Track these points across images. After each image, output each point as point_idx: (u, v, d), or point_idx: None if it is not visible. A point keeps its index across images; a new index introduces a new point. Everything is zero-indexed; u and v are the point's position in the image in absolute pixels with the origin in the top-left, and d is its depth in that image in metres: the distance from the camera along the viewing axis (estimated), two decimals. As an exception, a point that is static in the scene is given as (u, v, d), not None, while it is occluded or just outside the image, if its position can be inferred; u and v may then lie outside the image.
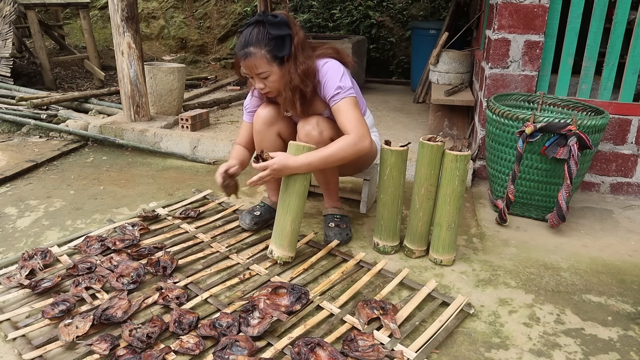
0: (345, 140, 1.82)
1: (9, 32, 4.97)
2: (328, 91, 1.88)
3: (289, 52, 1.81)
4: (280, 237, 1.89)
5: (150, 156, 3.22)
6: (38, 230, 2.19)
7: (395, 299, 1.76)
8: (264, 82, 1.86)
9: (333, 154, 1.82)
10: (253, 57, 1.78)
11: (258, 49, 1.78)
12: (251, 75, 1.86)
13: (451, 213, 1.89)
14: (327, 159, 1.83)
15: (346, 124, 1.85)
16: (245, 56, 1.79)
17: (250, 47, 1.78)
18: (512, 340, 1.56)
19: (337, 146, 1.82)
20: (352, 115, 1.85)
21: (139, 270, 1.79)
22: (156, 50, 7.32)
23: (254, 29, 1.78)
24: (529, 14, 2.52)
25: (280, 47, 1.80)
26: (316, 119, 1.94)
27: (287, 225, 1.88)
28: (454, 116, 3.46)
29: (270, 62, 1.80)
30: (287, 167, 1.81)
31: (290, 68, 1.82)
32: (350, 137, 1.82)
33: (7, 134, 3.61)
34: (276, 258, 1.91)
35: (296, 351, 1.40)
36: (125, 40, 3.27)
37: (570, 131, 2.08)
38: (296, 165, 1.81)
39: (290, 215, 1.87)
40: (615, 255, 2.11)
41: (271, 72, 1.82)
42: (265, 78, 1.84)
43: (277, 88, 1.88)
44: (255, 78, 1.86)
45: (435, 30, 4.68)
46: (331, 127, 1.96)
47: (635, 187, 2.72)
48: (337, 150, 1.82)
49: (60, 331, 1.47)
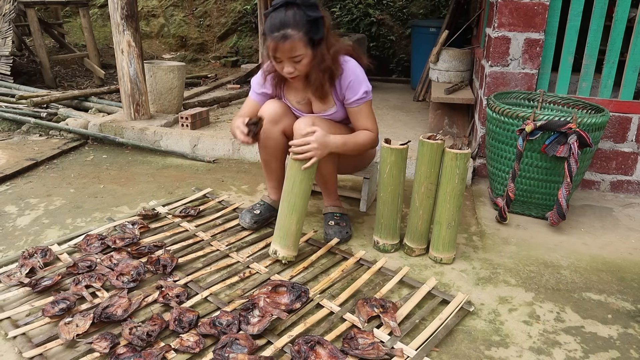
0: (370, 135, 1.98)
1: (9, 31, 4.97)
2: (353, 92, 1.92)
3: (323, 35, 1.81)
4: (285, 237, 1.89)
5: (150, 155, 3.22)
6: (38, 228, 2.19)
7: (395, 297, 1.76)
8: (295, 65, 1.82)
9: (362, 143, 1.97)
10: (292, 40, 1.74)
11: (296, 32, 1.74)
12: (283, 58, 1.81)
13: (451, 211, 1.89)
14: (356, 146, 1.96)
15: (367, 123, 1.99)
16: (284, 39, 1.74)
17: (289, 29, 1.73)
18: (512, 338, 1.56)
19: (365, 137, 1.97)
20: (371, 116, 2.00)
21: (139, 269, 1.79)
22: (156, 49, 7.31)
23: (288, 11, 1.74)
24: (529, 12, 2.52)
25: (316, 29, 1.78)
26: (312, 119, 1.94)
27: (292, 226, 1.88)
28: (454, 114, 3.46)
29: (306, 45, 1.78)
30: (328, 142, 1.85)
31: (323, 50, 1.83)
32: (373, 135, 1.99)
33: (7, 132, 3.61)
34: (281, 258, 1.90)
35: (296, 349, 1.40)
36: (125, 39, 3.26)
37: (571, 129, 2.08)
38: (335, 141, 1.87)
39: (296, 216, 1.87)
40: (615, 253, 2.11)
41: (305, 55, 1.80)
42: (298, 62, 1.81)
43: (305, 72, 1.87)
44: (285, 61, 1.81)
45: (435, 29, 4.67)
46: (328, 126, 1.96)
47: (635, 185, 2.71)
48: (364, 142, 1.97)
49: (61, 329, 1.47)
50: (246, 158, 3.17)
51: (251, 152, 3.15)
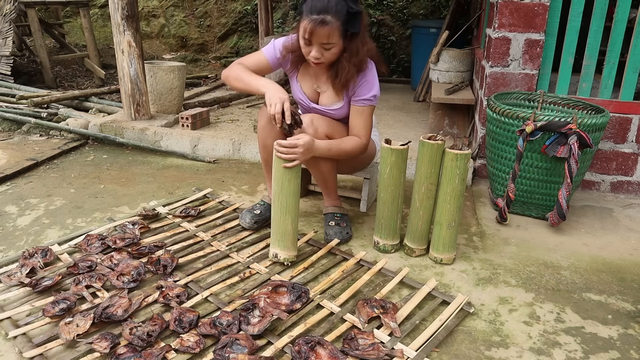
0: (358, 142, 1.99)
1: (9, 31, 4.97)
2: (364, 91, 1.94)
3: (359, 29, 1.83)
4: (283, 239, 1.89)
5: (150, 155, 3.22)
6: (38, 228, 2.19)
7: (396, 297, 1.76)
8: (323, 52, 1.83)
9: (347, 150, 1.98)
10: (329, 26, 1.75)
11: (335, 20, 1.76)
12: (315, 42, 1.81)
13: (451, 212, 1.89)
14: (340, 152, 1.97)
15: (361, 128, 2.00)
16: (322, 23, 1.75)
17: (329, 15, 1.74)
18: (512, 339, 1.56)
19: (352, 144, 1.98)
20: (369, 122, 2.01)
21: (140, 269, 1.79)
22: (156, 49, 7.31)
23: None
24: (530, 13, 2.52)
25: (353, 23, 1.80)
26: (310, 117, 1.96)
27: (288, 226, 1.88)
28: (454, 115, 3.46)
29: (340, 36, 1.80)
30: (312, 147, 1.86)
31: (358, 44, 1.85)
32: (361, 141, 2.00)
33: (8, 132, 3.61)
34: (283, 260, 1.90)
35: (296, 350, 1.40)
36: (126, 39, 3.27)
37: (571, 130, 2.08)
38: (320, 147, 1.90)
39: (290, 215, 1.87)
40: (615, 253, 2.11)
41: (336, 44, 1.82)
42: (328, 49, 1.82)
43: (330, 61, 1.88)
44: (315, 46, 1.82)
45: (435, 29, 4.67)
46: (326, 124, 1.98)
47: (635, 186, 2.71)
48: (351, 149, 1.99)
49: (61, 329, 1.47)
50: (246, 158, 3.17)
51: (251, 153, 3.15)
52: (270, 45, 2.02)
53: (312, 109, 2.08)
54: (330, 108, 2.04)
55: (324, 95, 2.04)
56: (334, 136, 2.00)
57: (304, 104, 2.10)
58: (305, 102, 2.08)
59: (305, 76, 2.06)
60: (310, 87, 2.06)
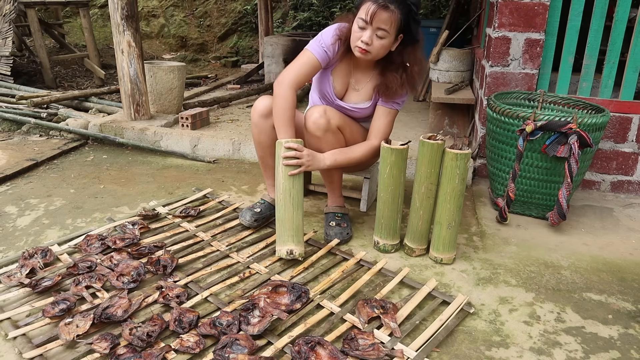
0: (369, 147, 2.02)
1: (9, 31, 4.97)
2: (396, 95, 1.98)
3: (418, 39, 1.88)
4: (297, 234, 1.91)
5: (150, 155, 3.22)
6: (38, 229, 2.19)
7: (396, 297, 1.76)
8: (374, 39, 1.83)
9: (357, 157, 2.01)
10: (392, 12, 1.78)
11: (398, 10, 1.79)
12: (371, 25, 1.80)
13: (451, 211, 1.89)
14: (350, 160, 2.01)
15: (379, 130, 2.03)
16: (386, 7, 1.77)
17: (394, 4, 1.78)
18: (512, 339, 1.56)
19: (361, 150, 2.02)
20: (389, 126, 2.05)
21: (139, 269, 1.79)
22: (156, 49, 7.31)
23: None
24: (530, 12, 2.52)
25: (412, 22, 1.83)
26: (324, 108, 1.97)
27: (299, 221, 1.91)
28: (454, 114, 3.45)
29: (397, 28, 1.82)
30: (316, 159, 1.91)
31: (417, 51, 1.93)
32: (373, 145, 2.02)
33: (7, 132, 3.61)
34: (298, 256, 1.91)
35: (296, 350, 1.40)
36: (125, 39, 3.26)
37: (571, 129, 2.08)
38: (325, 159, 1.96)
39: (301, 211, 1.91)
40: (615, 253, 2.11)
41: (390, 35, 1.83)
42: (381, 38, 1.83)
43: (376, 54, 1.88)
44: (370, 30, 1.81)
45: (435, 29, 4.67)
46: (338, 116, 2.00)
47: (635, 185, 2.71)
48: (361, 155, 2.02)
49: (61, 330, 1.47)
50: (246, 158, 3.17)
51: (251, 153, 3.15)
52: (316, 43, 1.95)
53: (336, 105, 2.08)
54: (356, 106, 2.05)
55: (356, 93, 2.05)
56: (345, 130, 2.03)
57: (329, 97, 2.07)
58: (331, 96, 2.07)
59: (341, 72, 2.05)
60: (342, 83, 2.05)
